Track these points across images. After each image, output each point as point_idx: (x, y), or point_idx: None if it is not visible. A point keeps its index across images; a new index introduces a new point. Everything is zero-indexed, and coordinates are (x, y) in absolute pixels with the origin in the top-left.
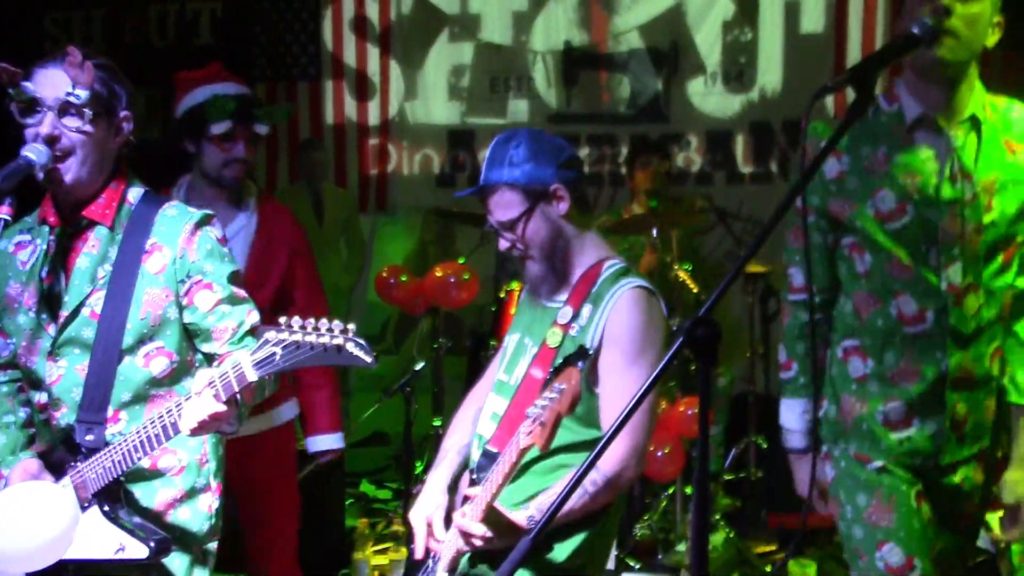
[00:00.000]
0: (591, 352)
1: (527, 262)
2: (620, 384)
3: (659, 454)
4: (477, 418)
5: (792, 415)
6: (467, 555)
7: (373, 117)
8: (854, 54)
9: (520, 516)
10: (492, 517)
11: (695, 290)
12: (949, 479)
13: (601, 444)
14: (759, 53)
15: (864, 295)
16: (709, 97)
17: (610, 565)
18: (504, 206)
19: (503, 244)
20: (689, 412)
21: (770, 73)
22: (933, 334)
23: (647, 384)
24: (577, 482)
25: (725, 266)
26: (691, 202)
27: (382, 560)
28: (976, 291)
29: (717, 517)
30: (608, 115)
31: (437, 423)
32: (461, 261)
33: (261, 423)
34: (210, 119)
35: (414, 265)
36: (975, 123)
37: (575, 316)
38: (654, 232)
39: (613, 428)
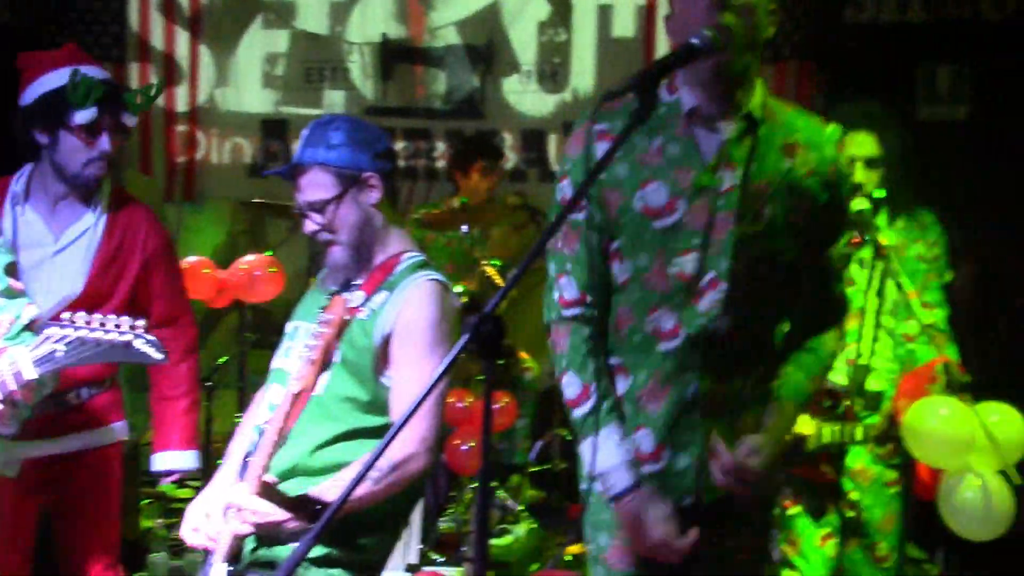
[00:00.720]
0: (378, 341)
1: (331, 248)
2: (412, 375)
3: (464, 448)
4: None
5: (607, 450)
6: (250, 544)
7: (181, 103)
8: None
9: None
10: (267, 492)
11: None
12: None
13: (391, 433)
14: (572, 54)
15: (624, 308)
16: (524, 95)
17: (413, 559)
18: (316, 186)
19: (308, 227)
20: (496, 406)
21: (583, 74)
22: (685, 351)
23: (435, 377)
24: (366, 471)
25: (536, 263)
26: (504, 199)
27: (179, 561)
28: (716, 289)
29: (522, 508)
30: (424, 110)
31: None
32: (268, 254)
33: (84, 440)
34: (73, 105)
35: (223, 257)
36: (751, 121)
37: (367, 300)
38: (463, 228)
39: (403, 418)
